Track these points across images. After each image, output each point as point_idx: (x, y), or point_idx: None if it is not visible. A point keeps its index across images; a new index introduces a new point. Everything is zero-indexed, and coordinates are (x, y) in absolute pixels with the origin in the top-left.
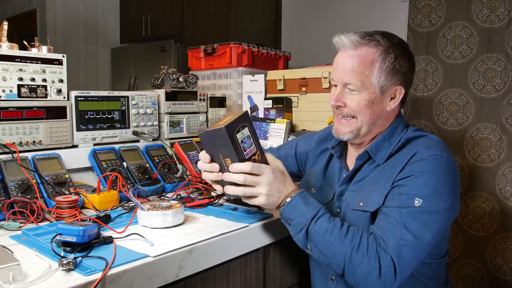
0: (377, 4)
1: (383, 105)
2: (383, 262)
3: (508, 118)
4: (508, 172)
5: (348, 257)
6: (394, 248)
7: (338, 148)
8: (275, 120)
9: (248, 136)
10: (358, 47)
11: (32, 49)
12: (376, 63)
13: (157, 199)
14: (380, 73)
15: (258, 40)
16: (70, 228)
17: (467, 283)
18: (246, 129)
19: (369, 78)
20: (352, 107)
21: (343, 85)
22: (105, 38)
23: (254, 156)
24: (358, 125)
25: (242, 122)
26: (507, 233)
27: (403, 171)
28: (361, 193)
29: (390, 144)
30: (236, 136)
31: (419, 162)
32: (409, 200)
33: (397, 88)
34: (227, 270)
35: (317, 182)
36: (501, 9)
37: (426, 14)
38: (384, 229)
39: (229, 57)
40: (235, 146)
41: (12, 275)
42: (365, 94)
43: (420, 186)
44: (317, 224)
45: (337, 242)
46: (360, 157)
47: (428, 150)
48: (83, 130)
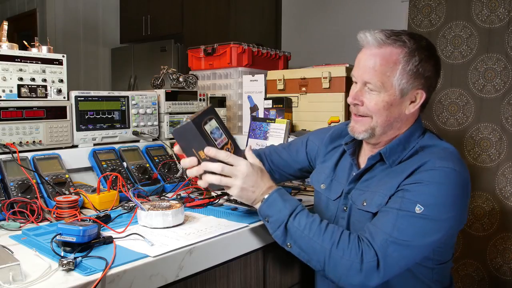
0: (377, 4)
1: (401, 108)
2: (365, 257)
3: (508, 118)
4: (508, 172)
5: (328, 253)
6: (381, 244)
7: (351, 145)
8: (275, 120)
9: (217, 128)
10: (382, 46)
11: (32, 49)
12: (399, 65)
13: (157, 199)
14: (402, 75)
15: (258, 40)
16: (70, 228)
17: (467, 283)
18: (214, 121)
19: (390, 79)
20: (369, 107)
21: (363, 83)
22: (105, 38)
23: (226, 145)
24: (372, 125)
25: (207, 115)
26: (507, 233)
27: (411, 177)
28: (366, 192)
29: (404, 149)
30: (205, 127)
31: (430, 172)
32: (410, 205)
33: (418, 92)
34: (227, 270)
35: (327, 178)
36: (501, 9)
37: (426, 14)
38: (376, 225)
39: (229, 57)
40: (205, 137)
41: (12, 275)
42: (384, 95)
43: (425, 194)
44: (296, 220)
45: (316, 238)
46: (372, 157)
47: (441, 161)
48: (83, 130)
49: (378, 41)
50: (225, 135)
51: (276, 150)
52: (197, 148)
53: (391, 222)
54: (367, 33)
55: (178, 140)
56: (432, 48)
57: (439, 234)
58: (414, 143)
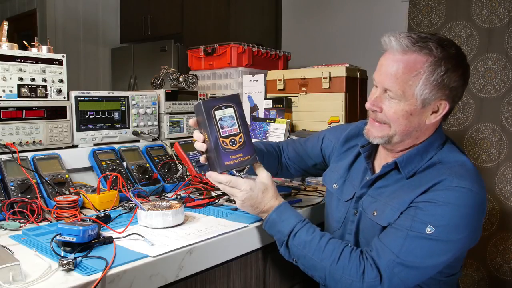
0: (377, 4)
1: (422, 118)
2: (367, 276)
3: (508, 118)
4: (508, 172)
5: (328, 271)
6: (387, 264)
7: (368, 148)
8: (275, 120)
9: (231, 117)
10: (407, 53)
11: (32, 49)
12: (423, 74)
13: (157, 199)
14: (425, 85)
15: (258, 40)
16: (70, 228)
17: (467, 283)
18: (231, 109)
19: (412, 89)
20: (388, 115)
21: (383, 89)
22: (105, 38)
23: (234, 137)
24: (390, 133)
25: (227, 102)
26: (507, 233)
27: (425, 194)
28: (378, 201)
29: (421, 159)
30: (215, 112)
31: (446, 191)
32: (421, 225)
33: (442, 103)
34: (227, 270)
35: (340, 178)
36: (501, 9)
37: (426, 14)
38: (384, 243)
39: (229, 57)
40: (210, 121)
41: (12, 275)
42: (404, 105)
43: (438, 215)
44: (295, 239)
45: (316, 256)
46: (387, 166)
47: (459, 180)
48: (83, 130)
49: (403, 47)
50: (239, 126)
51: (293, 144)
52: (204, 129)
53: (399, 242)
54: (392, 37)
55: (196, 113)
56: (461, 56)
57: (449, 254)
58: (432, 154)
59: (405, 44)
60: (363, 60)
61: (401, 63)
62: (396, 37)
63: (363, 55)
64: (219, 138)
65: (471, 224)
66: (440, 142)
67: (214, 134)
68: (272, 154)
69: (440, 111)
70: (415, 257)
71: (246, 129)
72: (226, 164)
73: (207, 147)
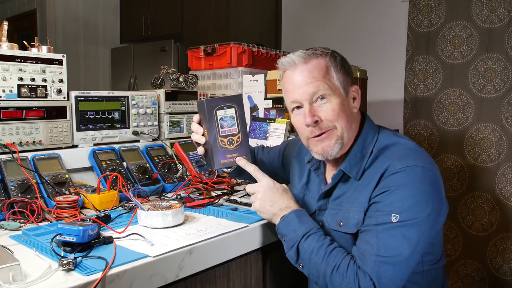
0: (377, 4)
1: (350, 107)
2: (362, 283)
3: (508, 118)
4: (508, 172)
5: (329, 277)
6: (372, 267)
7: (314, 161)
8: (275, 120)
9: (232, 117)
10: (308, 60)
11: (32, 49)
12: (330, 67)
13: (157, 199)
14: (337, 74)
15: (258, 40)
16: (70, 228)
17: (467, 283)
18: (232, 110)
19: (332, 81)
20: (329, 117)
21: (310, 99)
22: (105, 38)
23: (232, 137)
24: (339, 133)
25: (229, 102)
26: (507, 233)
27: (378, 187)
28: (340, 212)
29: (363, 157)
30: (216, 112)
31: (393, 176)
32: (385, 217)
33: (354, 88)
34: (227, 270)
35: (300, 193)
36: (501, 9)
37: (426, 14)
38: (362, 249)
39: (229, 57)
40: (211, 120)
41: (12, 275)
42: (335, 98)
43: (396, 201)
44: (307, 242)
45: (320, 262)
46: (335, 176)
47: (401, 162)
48: (83, 130)
49: (303, 57)
50: (238, 127)
51: (262, 152)
52: (204, 126)
53: (373, 241)
54: (288, 55)
55: (199, 110)
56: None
57: (422, 235)
58: (370, 147)
59: (302, 54)
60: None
61: (311, 68)
62: (291, 54)
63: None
64: (218, 137)
65: (430, 199)
66: (374, 132)
67: (213, 133)
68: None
69: (357, 96)
70: (393, 250)
71: (244, 130)
72: (221, 162)
73: (205, 141)
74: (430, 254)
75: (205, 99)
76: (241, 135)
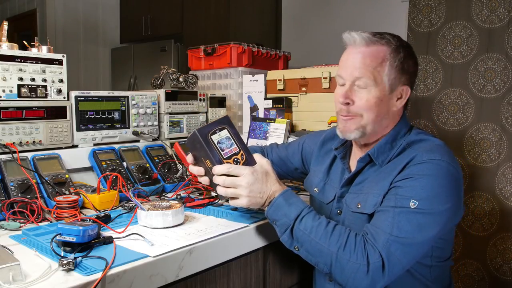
0: (377, 4)
1: (390, 105)
2: (371, 259)
3: (508, 118)
4: (508, 172)
5: (335, 256)
6: (384, 244)
7: (341, 149)
8: (275, 120)
9: (227, 138)
10: (370, 44)
11: (32, 49)
12: (387, 61)
13: (157, 199)
14: (390, 70)
15: (258, 40)
16: (70, 228)
17: (467, 283)
18: (225, 131)
19: (380, 74)
20: (360, 105)
21: (352, 82)
22: (105, 38)
23: (236, 156)
24: (363, 123)
25: (219, 125)
26: (507, 233)
27: (401, 173)
28: (360, 195)
29: (392, 148)
30: (211, 137)
31: (418, 165)
32: (404, 201)
33: (404, 88)
34: (227, 270)
35: (320, 182)
36: (501, 9)
37: (426, 14)
38: (376, 226)
39: (229, 57)
40: (210, 147)
41: (12, 275)
42: (375, 91)
43: (418, 188)
44: (302, 224)
45: (323, 241)
46: (361, 159)
47: (428, 154)
48: (83, 130)
49: (365, 39)
50: (236, 145)
51: (277, 149)
52: (205, 158)
53: (389, 220)
54: (353, 33)
55: (190, 147)
56: (411, 47)
57: (436, 227)
58: (401, 141)
59: (367, 37)
60: None
61: (367, 53)
62: (357, 33)
63: None
64: (223, 161)
65: (451, 195)
66: (407, 129)
67: (217, 158)
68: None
69: (404, 96)
70: (406, 233)
71: (244, 146)
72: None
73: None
74: (439, 249)
75: (195, 130)
76: (243, 152)
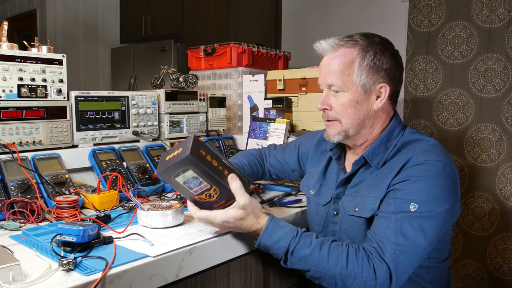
0: (377, 4)
1: (368, 105)
2: (379, 272)
3: (508, 118)
4: (508, 172)
5: (339, 278)
6: (392, 255)
7: (336, 150)
8: (275, 120)
9: (194, 177)
10: (337, 49)
11: (32, 49)
12: (355, 62)
13: (157, 199)
14: (360, 71)
15: (258, 40)
16: (70, 228)
17: (467, 283)
18: (190, 171)
19: (350, 77)
20: (336, 109)
21: (328, 87)
22: (105, 38)
23: (208, 191)
24: (344, 127)
25: (181, 166)
26: (507, 233)
27: (398, 175)
28: (357, 198)
29: (386, 149)
30: (176, 179)
31: (415, 167)
32: (404, 205)
33: (382, 86)
34: (227, 270)
35: (316, 183)
36: (501, 9)
37: (426, 14)
38: (380, 235)
39: (229, 57)
40: (178, 187)
41: (12, 275)
42: (348, 94)
43: (416, 191)
44: (294, 257)
45: (322, 267)
46: (356, 162)
47: (424, 155)
48: (83, 130)
49: (332, 45)
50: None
51: (275, 151)
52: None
53: (392, 228)
54: (321, 41)
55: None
56: (386, 43)
57: (437, 229)
58: (395, 141)
59: (334, 43)
60: None
61: (334, 59)
62: (324, 40)
63: None
64: (195, 197)
65: (448, 195)
66: (400, 128)
67: (188, 196)
68: (256, 169)
69: (383, 94)
70: (410, 240)
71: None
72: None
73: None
74: (437, 250)
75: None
76: (217, 187)
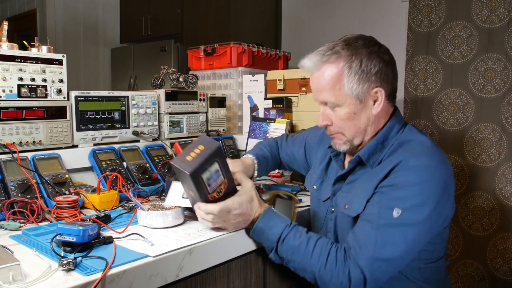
0: (377, 4)
1: (368, 112)
2: (353, 274)
3: (508, 118)
4: (508, 172)
5: (318, 274)
6: (366, 261)
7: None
8: (275, 120)
9: (217, 171)
10: (321, 66)
11: (32, 49)
12: (343, 75)
13: (157, 199)
14: (350, 82)
15: (258, 40)
16: (70, 228)
17: (467, 283)
18: (216, 164)
19: (341, 91)
20: (336, 123)
21: (323, 104)
22: (105, 38)
23: (220, 187)
24: (348, 138)
25: (211, 159)
26: (507, 233)
27: (387, 179)
28: (349, 195)
29: (383, 148)
30: (202, 176)
31: (403, 172)
32: (388, 211)
33: (376, 90)
34: (227, 270)
35: (318, 179)
36: (501, 9)
37: (426, 14)
38: (360, 239)
39: (229, 57)
40: (199, 186)
41: (12, 275)
42: (344, 108)
43: (402, 197)
44: (283, 246)
45: (305, 262)
46: (352, 161)
47: (414, 159)
48: (83, 130)
49: (315, 64)
50: (223, 175)
51: (285, 144)
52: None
53: (372, 235)
54: (305, 59)
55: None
56: (370, 44)
57: (419, 236)
58: (393, 140)
59: (316, 60)
60: None
61: (320, 77)
62: (308, 58)
63: None
64: (208, 196)
65: (436, 201)
66: (400, 126)
67: (203, 196)
68: (274, 158)
69: (380, 97)
70: (390, 249)
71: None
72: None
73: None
74: (427, 252)
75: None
76: (227, 180)
